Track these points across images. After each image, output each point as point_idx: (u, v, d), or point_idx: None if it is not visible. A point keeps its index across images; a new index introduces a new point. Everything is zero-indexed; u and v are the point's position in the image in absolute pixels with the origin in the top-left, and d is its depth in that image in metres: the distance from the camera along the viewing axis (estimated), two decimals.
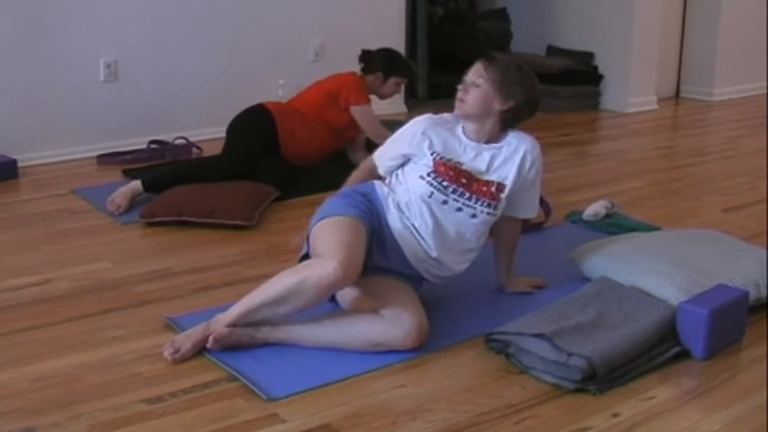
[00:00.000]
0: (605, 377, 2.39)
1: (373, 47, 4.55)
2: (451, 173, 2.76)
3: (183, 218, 3.70)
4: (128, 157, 4.75)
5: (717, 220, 3.86)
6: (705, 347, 2.56)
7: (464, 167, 2.78)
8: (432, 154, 2.78)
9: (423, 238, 2.74)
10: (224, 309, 2.86)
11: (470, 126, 2.84)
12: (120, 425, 2.21)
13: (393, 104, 5.82)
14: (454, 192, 2.75)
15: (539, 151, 2.88)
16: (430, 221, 2.73)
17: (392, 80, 4.45)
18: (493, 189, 2.78)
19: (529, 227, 3.73)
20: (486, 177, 2.79)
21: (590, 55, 6.62)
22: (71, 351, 2.61)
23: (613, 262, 3.00)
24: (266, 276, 3.00)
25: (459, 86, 2.82)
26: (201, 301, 2.99)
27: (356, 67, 4.54)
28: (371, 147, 3.38)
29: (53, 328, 2.77)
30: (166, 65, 5.07)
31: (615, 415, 2.28)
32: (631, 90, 6.47)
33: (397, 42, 5.76)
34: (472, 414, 2.28)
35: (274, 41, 5.44)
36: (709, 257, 2.99)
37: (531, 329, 2.51)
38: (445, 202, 2.74)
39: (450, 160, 2.78)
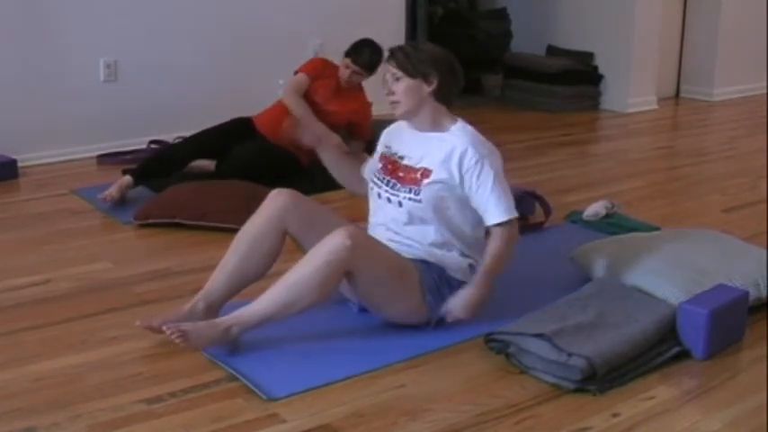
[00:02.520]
0: (605, 377, 2.39)
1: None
2: (390, 166, 2.81)
3: (177, 220, 3.71)
4: (128, 157, 4.75)
5: (717, 220, 3.86)
6: (705, 347, 2.56)
7: (404, 162, 2.78)
8: (383, 149, 2.88)
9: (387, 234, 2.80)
10: (223, 309, 2.87)
11: (415, 123, 2.82)
12: (120, 425, 2.21)
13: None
14: (387, 183, 2.78)
15: (479, 144, 2.72)
16: (379, 218, 2.82)
17: (343, 60, 4.53)
18: (418, 175, 2.73)
19: (529, 227, 3.74)
20: (419, 165, 2.75)
21: (590, 55, 6.62)
22: (71, 351, 2.61)
23: (613, 262, 3.00)
24: (267, 276, 3.00)
25: (385, 92, 2.78)
26: None
27: None
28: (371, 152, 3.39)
29: (53, 328, 2.77)
30: (166, 65, 5.07)
31: (615, 415, 2.28)
32: (631, 90, 6.47)
33: (397, 42, 5.75)
34: (472, 414, 2.28)
35: (274, 41, 5.44)
36: (709, 257, 2.99)
37: (531, 329, 2.51)
38: (380, 195, 2.80)
39: (394, 154, 2.83)
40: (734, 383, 2.47)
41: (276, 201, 2.77)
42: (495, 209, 2.68)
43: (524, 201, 3.85)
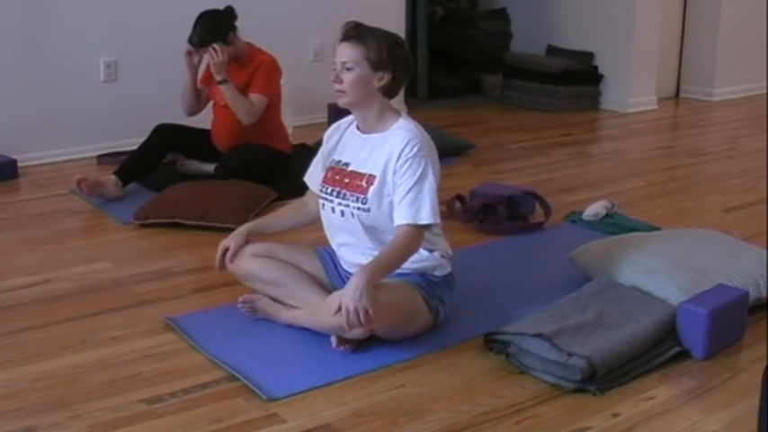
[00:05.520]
0: (605, 377, 2.39)
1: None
2: (337, 177, 2.70)
3: (176, 220, 3.70)
4: (128, 157, 4.74)
5: (717, 220, 3.85)
6: (705, 347, 2.56)
7: (350, 168, 2.68)
8: (329, 162, 2.77)
9: (339, 255, 2.79)
10: (224, 309, 2.88)
11: (358, 116, 2.70)
12: (120, 425, 2.21)
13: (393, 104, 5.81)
14: (338, 195, 2.68)
15: (418, 141, 2.58)
16: (331, 234, 2.78)
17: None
18: (363, 182, 2.63)
19: (529, 227, 3.74)
20: (363, 170, 2.65)
21: (590, 55, 6.62)
22: (71, 351, 2.61)
23: (613, 262, 3.00)
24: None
25: (332, 78, 2.62)
26: (201, 301, 2.99)
27: None
28: None
29: (53, 328, 2.77)
30: (166, 65, 5.07)
31: (615, 415, 2.27)
32: (631, 90, 6.47)
33: None
34: (472, 414, 2.28)
35: (274, 41, 5.43)
36: (710, 257, 2.99)
37: (531, 329, 2.51)
38: (333, 210, 2.69)
39: (339, 162, 2.73)
40: (734, 383, 2.46)
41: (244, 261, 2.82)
42: (405, 209, 2.55)
43: (524, 201, 3.86)
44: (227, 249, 2.80)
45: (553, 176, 4.64)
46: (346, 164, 2.71)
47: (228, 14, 4.28)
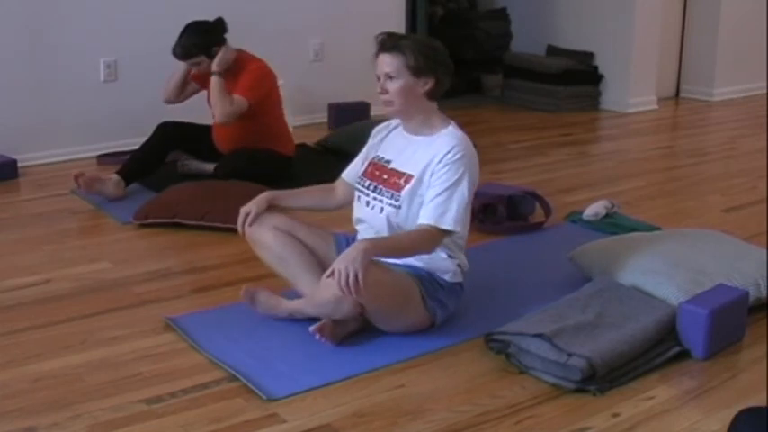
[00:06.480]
0: (605, 377, 2.39)
1: (373, 47, 4.54)
2: (377, 172, 2.74)
3: (176, 220, 3.70)
4: (128, 157, 4.73)
5: (717, 220, 3.86)
6: (705, 347, 2.56)
7: (391, 166, 2.72)
8: (371, 157, 2.80)
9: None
10: (224, 309, 2.89)
11: (405, 120, 2.74)
12: (120, 425, 2.21)
13: None
14: (374, 190, 2.72)
15: (463, 149, 2.61)
16: (362, 228, 2.78)
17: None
18: (402, 181, 2.66)
19: (529, 227, 3.74)
20: (404, 169, 2.68)
21: (590, 55, 6.62)
22: (71, 351, 2.61)
23: (613, 262, 3.00)
24: (265, 276, 3.00)
25: (377, 90, 2.66)
26: (201, 301, 2.99)
27: (355, 70, 4.54)
28: None
29: (53, 328, 2.77)
30: (166, 65, 5.06)
31: (615, 415, 2.28)
32: (631, 90, 6.47)
33: None
34: (472, 414, 2.28)
35: (274, 41, 5.44)
36: (710, 257, 2.99)
37: (531, 329, 2.51)
38: (368, 204, 2.73)
39: (381, 159, 2.76)
40: (734, 383, 2.47)
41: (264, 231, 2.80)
42: (430, 210, 2.57)
43: (524, 201, 3.86)
44: (248, 214, 2.81)
45: (553, 176, 4.64)
46: (388, 161, 2.75)
47: (218, 27, 4.22)
